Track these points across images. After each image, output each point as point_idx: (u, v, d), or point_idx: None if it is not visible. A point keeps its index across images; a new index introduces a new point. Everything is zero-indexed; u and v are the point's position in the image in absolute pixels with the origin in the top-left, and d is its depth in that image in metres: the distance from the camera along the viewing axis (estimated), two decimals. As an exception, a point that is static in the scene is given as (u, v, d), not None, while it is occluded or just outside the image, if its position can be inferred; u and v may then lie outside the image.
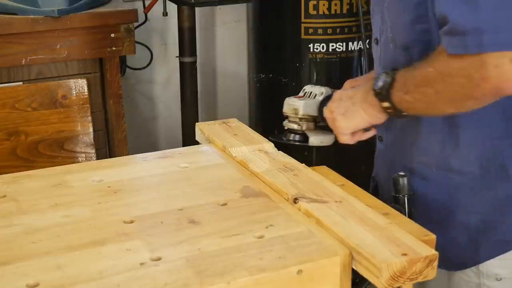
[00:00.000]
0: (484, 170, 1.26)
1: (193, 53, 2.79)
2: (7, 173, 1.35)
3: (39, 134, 2.11)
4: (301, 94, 1.49)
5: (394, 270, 0.99)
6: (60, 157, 2.12)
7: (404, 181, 1.24)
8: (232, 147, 1.42)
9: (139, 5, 2.68)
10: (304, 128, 1.45)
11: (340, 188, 1.26)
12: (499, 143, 1.24)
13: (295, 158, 1.39)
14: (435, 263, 1.03)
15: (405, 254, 1.01)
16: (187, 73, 2.82)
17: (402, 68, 1.23)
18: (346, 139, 1.36)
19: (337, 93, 1.37)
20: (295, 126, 1.46)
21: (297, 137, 1.45)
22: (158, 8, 2.78)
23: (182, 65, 2.81)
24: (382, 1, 1.32)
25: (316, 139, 1.43)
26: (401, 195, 1.23)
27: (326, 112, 1.36)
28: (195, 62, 2.82)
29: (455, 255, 1.31)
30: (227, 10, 3.12)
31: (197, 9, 2.81)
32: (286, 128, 1.48)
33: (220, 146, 1.46)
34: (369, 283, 1.05)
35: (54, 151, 2.12)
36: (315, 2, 2.25)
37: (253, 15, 2.64)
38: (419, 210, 1.30)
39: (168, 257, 1.03)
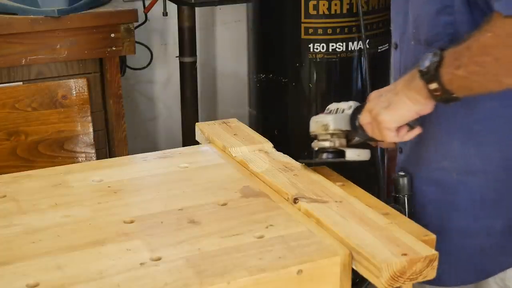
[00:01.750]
0: (507, 172, 1.23)
1: (193, 53, 2.79)
2: (7, 173, 1.35)
3: (39, 134, 2.11)
4: (326, 112, 1.35)
5: (394, 270, 0.99)
6: (60, 157, 2.12)
7: (404, 181, 1.23)
8: (232, 147, 1.42)
9: (139, 5, 2.68)
10: (336, 144, 1.30)
11: (340, 188, 1.26)
12: None
13: (296, 158, 1.39)
14: (435, 263, 1.03)
15: (405, 254, 1.01)
16: (187, 73, 2.81)
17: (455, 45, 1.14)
18: (392, 136, 1.22)
19: (374, 92, 1.27)
20: (326, 144, 1.31)
21: (331, 155, 1.31)
22: (158, 8, 2.78)
23: (182, 65, 2.81)
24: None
25: (353, 153, 1.29)
26: (401, 195, 1.23)
27: (364, 116, 1.25)
28: (195, 62, 2.81)
29: (479, 262, 1.29)
30: (227, 10, 3.12)
31: (197, 9, 2.80)
32: (316, 148, 1.34)
33: (220, 146, 1.46)
34: (369, 283, 1.05)
35: (54, 151, 2.12)
36: (315, 2, 2.24)
37: (253, 15, 2.63)
38: (440, 217, 1.28)
39: (168, 257, 1.03)
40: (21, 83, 2.22)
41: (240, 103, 3.08)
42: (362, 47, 2.23)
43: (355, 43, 2.26)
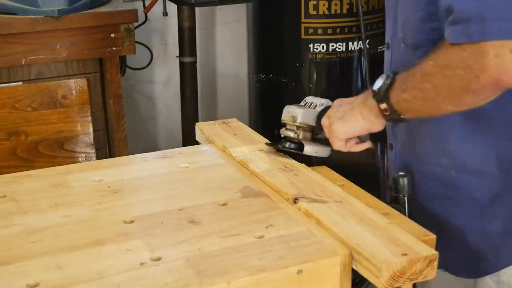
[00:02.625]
0: (503, 172, 1.24)
1: (193, 53, 2.79)
2: (7, 173, 1.35)
3: (39, 134, 2.11)
4: (302, 104, 1.44)
5: (394, 270, 0.99)
6: (60, 157, 2.12)
7: (404, 181, 1.23)
8: (232, 147, 1.42)
9: (139, 5, 2.68)
10: (300, 137, 1.39)
11: (340, 188, 1.26)
12: None
13: (296, 158, 1.39)
14: (435, 263, 1.03)
15: (405, 254, 1.01)
16: (187, 73, 2.81)
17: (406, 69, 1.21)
18: (340, 144, 1.32)
19: (337, 100, 1.35)
20: (291, 134, 1.40)
21: (293, 145, 1.39)
22: (158, 8, 2.78)
23: (182, 65, 2.81)
24: (395, 1, 1.31)
25: (311, 149, 1.37)
26: (401, 195, 1.23)
27: (324, 120, 1.33)
28: (195, 62, 2.81)
29: (476, 261, 1.30)
30: (227, 10, 3.12)
31: (197, 9, 2.80)
32: (282, 135, 1.42)
33: (220, 146, 1.46)
34: (369, 283, 1.05)
35: (54, 151, 2.12)
36: (315, 2, 2.25)
37: (253, 15, 2.63)
38: (438, 215, 1.29)
39: (168, 257, 1.02)
40: (21, 83, 2.22)
41: (240, 103, 3.08)
42: (362, 47, 2.24)
43: (355, 43, 2.27)
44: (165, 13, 2.84)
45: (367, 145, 1.35)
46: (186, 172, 1.36)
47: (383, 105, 1.21)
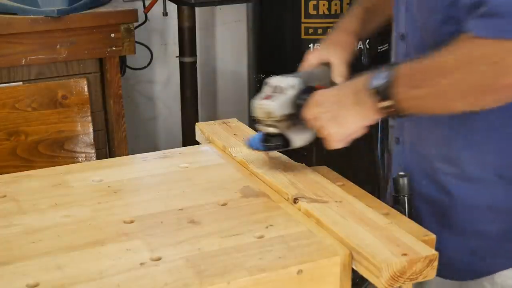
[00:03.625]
0: (503, 180, 1.23)
1: (193, 53, 2.79)
2: (7, 173, 1.35)
3: (39, 134, 2.11)
4: (267, 91, 1.28)
5: (394, 270, 0.99)
6: (60, 157, 2.12)
7: (404, 181, 1.23)
8: (232, 147, 1.42)
9: (139, 5, 2.68)
10: (282, 129, 1.26)
11: (340, 188, 1.25)
12: None
13: (296, 158, 1.39)
14: (435, 263, 1.03)
15: (405, 254, 1.01)
16: (187, 73, 2.82)
17: (408, 64, 1.14)
18: (340, 145, 1.23)
19: (317, 95, 1.23)
20: (271, 130, 1.27)
21: (278, 142, 1.27)
22: (158, 8, 2.78)
23: (182, 65, 2.81)
24: None
25: (299, 141, 1.27)
26: (401, 195, 1.23)
27: (309, 116, 1.23)
28: (195, 62, 2.82)
29: (472, 264, 1.29)
30: (227, 10, 3.12)
31: (197, 9, 2.80)
32: (262, 133, 1.30)
33: (220, 146, 1.46)
34: (369, 283, 1.05)
35: (54, 151, 2.13)
36: (315, 2, 2.25)
37: (253, 15, 2.64)
38: (437, 218, 1.28)
39: (168, 257, 1.02)
40: (21, 83, 2.22)
41: (240, 103, 3.08)
42: (362, 47, 2.23)
43: (355, 43, 2.26)
44: (165, 13, 2.84)
45: (364, 131, 1.24)
46: (186, 172, 1.36)
47: (386, 103, 1.13)
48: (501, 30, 1.00)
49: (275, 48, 2.44)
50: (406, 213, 1.22)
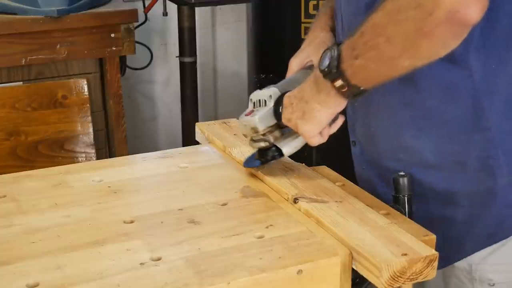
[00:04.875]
0: (459, 165, 1.23)
1: (193, 53, 2.79)
2: (7, 173, 1.35)
3: (39, 134, 2.11)
4: (250, 106, 1.30)
5: (394, 270, 0.99)
6: (60, 157, 2.12)
7: (404, 181, 1.23)
8: (232, 147, 1.42)
9: (139, 5, 2.68)
10: (272, 140, 1.27)
11: (340, 188, 1.26)
12: (472, 136, 1.21)
13: (296, 158, 1.39)
14: (435, 263, 1.03)
15: (405, 254, 1.01)
16: (187, 73, 2.82)
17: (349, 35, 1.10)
18: (316, 141, 1.22)
19: (286, 98, 1.23)
20: (262, 144, 1.28)
21: (272, 153, 1.28)
22: (158, 8, 2.79)
23: (182, 65, 2.81)
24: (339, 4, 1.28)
25: (289, 149, 1.27)
26: (401, 195, 1.23)
27: (284, 121, 1.23)
28: (195, 62, 2.82)
29: (442, 250, 1.30)
30: (227, 10, 3.12)
31: (197, 9, 2.81)
32: (255, 148, 1.31)
33: (220, 146, 1.46)
34: (369, 283, 1.05)
35: (54, 151, 2.13)
36: (315, 2, 2.25)
37: (253, 15, 2.64)
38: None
39: (168, 257, 1.02)
40: (21, 83, 2.22)
41: (240, 103, 3.09)
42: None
43: (355, 43, 2.26)
44: (165, 13, 2.84)
45: (341, 121, 1.24)
46: (186, 172, 1.36)
47: (339, 82, 1.10)
48: None
49: (275, 48, 2.44)
50: (406, 213, 1.22)
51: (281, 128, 1.27)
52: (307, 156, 1.39)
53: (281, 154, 1.28)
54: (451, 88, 1.16)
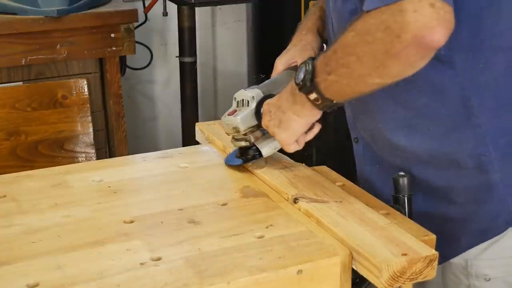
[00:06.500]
0: (452, 163, 1.25)
1: (193, 53, 2.79)
2: (7, 173, 1.35)
3: (39, 134, 2.11)
4: (234, 105, 1.34)
5: (394, 270, 0.99)
6: (60, 157, 2.12)
7: (404, 181, 1.23)
8: (232, 147, 1.42)
9: (139, 5, 2.68)
10: (253, 140, 1.32)
11: (340, 188, 1.26)
12: (464, 134, 1.22)
13: (296, 158, 1.39)
14: (435, 263, 1.03)
15: (405, 254, 1.01)
16: (187, 73, 2.82)
17: (323, 52, 1.15)
18: (292, 148, 1.26)
19: (265, 105, 1.28)
20: (243, 143, 1.32)
21: (252, 153, 1.32)
22: (158, 8, 2.78)
23: (182, 65, 2.81)
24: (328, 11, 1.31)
25: (268, 150, 1.32)
26: (401, 195, 1.23)
27: (264, 126, 1.28)
28: (195, 62, 2.82)
29: (438, 246, 1.31)
30: (227, 10, 3.12)
31: (197, 9, 2.80)
32: (236, 147, 1.36)
33: (220, 146, 1.46)
34: (369, 283, 1.05)
35: (54, 151, 2.12)
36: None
37: (253, 15, 2.64)
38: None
39: (168, 257, 1.03)
40: (21, 83, 2.22)
41: (240, 103, 3.08)
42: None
43: (355, 43, 2.26)
44: (165, 13, 2.84)
45: (317, 129, 1.28)
46: (186, 172, 1.36)
47: (313, 95, 1.15)
48: None
49: (275, 48, 2.44)
50: (406, 213, 1.22)
51: (262, 127, 1.31)
52: (307, 156, 1.39)
53: (261, 154, 1.33)
54: (440, 87, 1.18)
